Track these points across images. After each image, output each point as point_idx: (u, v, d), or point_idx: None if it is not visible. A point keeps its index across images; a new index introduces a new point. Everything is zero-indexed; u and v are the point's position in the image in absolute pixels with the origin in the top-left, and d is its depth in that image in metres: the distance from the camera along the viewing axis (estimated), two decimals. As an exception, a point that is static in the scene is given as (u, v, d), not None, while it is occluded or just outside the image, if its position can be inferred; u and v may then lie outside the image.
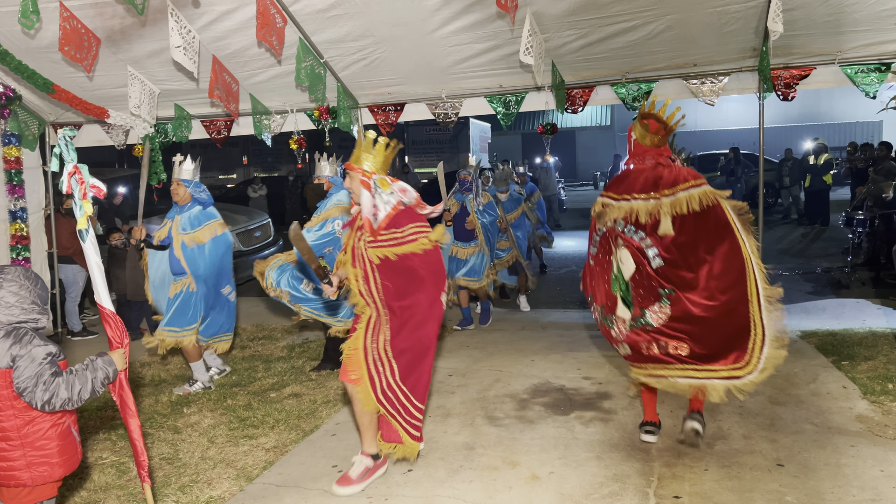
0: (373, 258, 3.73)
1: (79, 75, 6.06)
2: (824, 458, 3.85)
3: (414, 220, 3.79)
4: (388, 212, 3.73)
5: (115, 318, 2.96)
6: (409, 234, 3.73)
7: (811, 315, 7.30)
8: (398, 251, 3.70)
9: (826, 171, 14.34)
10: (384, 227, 3.73)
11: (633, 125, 4.09)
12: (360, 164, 3.78)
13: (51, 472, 2.70)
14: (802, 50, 5.62)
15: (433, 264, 3.80)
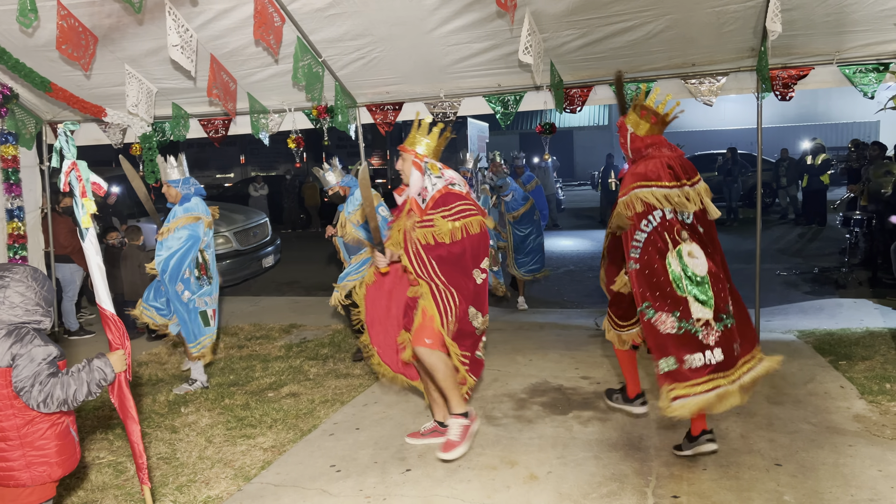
0: (420, 238, 3.89)
1: (76, 74, 6.04)
2: (822, 458, 3.85)
3: (462, 199, 3.94)
4: (434, 193, 3.93)
5: (116, 319, 2.93)
6: (456, 211, 3.88)
7: (809, 315, 7.32)
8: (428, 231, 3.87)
9: (823, 171, 14.36)
10: (431, 207, 3.91)
11: (623, 119, 3.97)
12: (414, 147, 4.00)
13: (50, 472, 2.69)
14: (801, 50, 5.62)
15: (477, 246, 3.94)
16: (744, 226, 14.81)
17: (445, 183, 3.96)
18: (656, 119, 3.83)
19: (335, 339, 7.06)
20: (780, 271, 10.02)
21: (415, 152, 3.98)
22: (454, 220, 3.86)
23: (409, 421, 4.73)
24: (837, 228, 11.84)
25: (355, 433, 4.58)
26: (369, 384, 5.56)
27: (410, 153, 4.00)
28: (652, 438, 4.23)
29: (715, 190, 17.27)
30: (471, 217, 3.91)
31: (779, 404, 4.69)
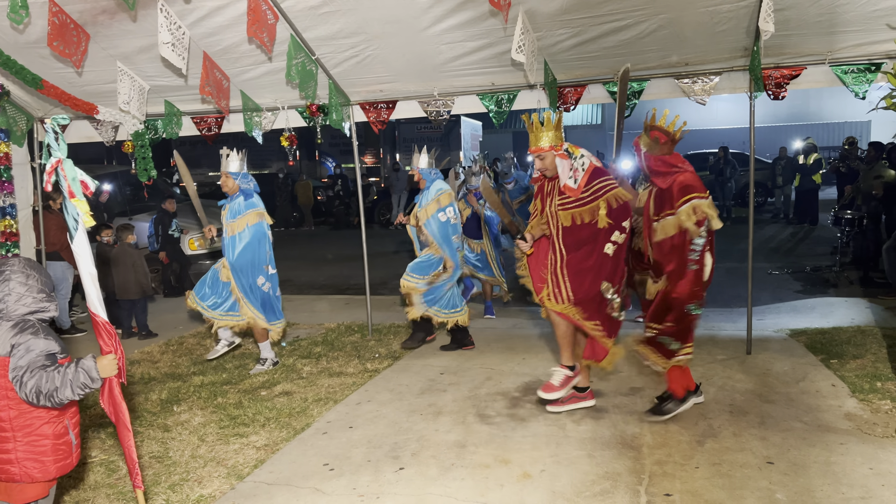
0: (564, 220, 4.41)
1: (67, 71, 6.01)
2: (814, 456, 3.87)
3: (602, 175, 4.35)
4: (587, 171, 4.34)
5: (108, 326, 2.88)
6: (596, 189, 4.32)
7: (800, 314, 7.35)
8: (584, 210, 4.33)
9: (815, 171, 14.43)
10: (586, 182, 4.34)
11: (638, 139, 4.44)
12: (542, 144, 4.38)
13: (42, 470, 2.66)
14: (793, 50, 5.63)
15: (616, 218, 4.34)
16: (736, 225, 14.85)
17: (590, 161, 4.38)
18: (666, 138, 4.29)
19: (328, 337, 7.05)
20: (772, 270, 10.06)
21: (551, 147, 4.36)
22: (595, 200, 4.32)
23: (403, 419, 4.73)
24: (829, 228, 11.89)
25: (349, 432, 4.57)
26: (363, 383, 5.56)
27: (546, 151, 4.37)
28: (645, 437, 4.24)
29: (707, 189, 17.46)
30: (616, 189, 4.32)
31: (771, 403, 4.71)
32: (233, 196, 5.93)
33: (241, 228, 5.81)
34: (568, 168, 4.37)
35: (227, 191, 5.93)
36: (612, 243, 4.35)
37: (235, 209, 5.87)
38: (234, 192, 5.91)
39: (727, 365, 5.57)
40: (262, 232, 5.91)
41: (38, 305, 2.71)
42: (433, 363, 6.01)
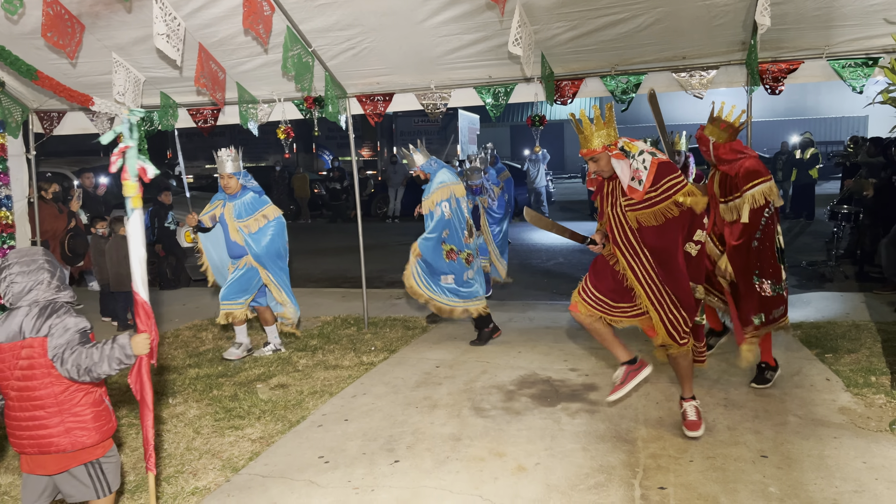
0: (631, 222, 3.94)
1: (62, 62, 5.98)
2: (807, 450, 3.88)
3: (670, 172, 3.86)
4: (650, 168, 3.83)
5: (148, 308, 3.01)
6: (665, 188, 3.84)
7: (795, 308, 7.34)
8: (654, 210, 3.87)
9: (812, 166, 14.43)
10: (652, 183, 3.84)
11: (702, 132, 4.73)
12: (594, 145, 3.88)
13: (90, 436, 2.86)
14: (791, 44, 5.63)
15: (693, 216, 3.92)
16: (733, 219, 14.89)
17: (652, 156, 3.87)
18: (726, 126, 4.61)
19: (324, 330, 7.05)
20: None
21: (604, 147, 3.86)
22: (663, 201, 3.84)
23: (399, 412, 4.73)
24: (825, 223, 11.90)
25: (344, 424, 4.58)
26: (358, 375, 5.56)
27: (598, 152, 3.88)
28: (639, 430, 4.26)
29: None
30: (686, 187, 3.86)
31: (765, 397, 4.72)
32: (237, 194, 5.99)
33: (264, 223, 5.99)
34: (627, 168, 3.85)
35: (230, 192, 5.98)
36: (694, 243, 3.98)
37: (249, 206, 5.99)
38: (236, 191, 5.98)
39: (722, 359, 5.58)
40: (284, 223, 6.15)
41: (60, 293, 2.87)
42: (429, 356, 6.02)
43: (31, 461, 2.85)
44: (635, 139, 4.03)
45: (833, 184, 19.21)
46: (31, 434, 2.79)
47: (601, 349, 5.94)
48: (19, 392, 2.77)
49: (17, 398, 2.78)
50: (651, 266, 3.97)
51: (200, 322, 7.58)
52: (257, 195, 6.07)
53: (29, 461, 2.86)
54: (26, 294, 2.80)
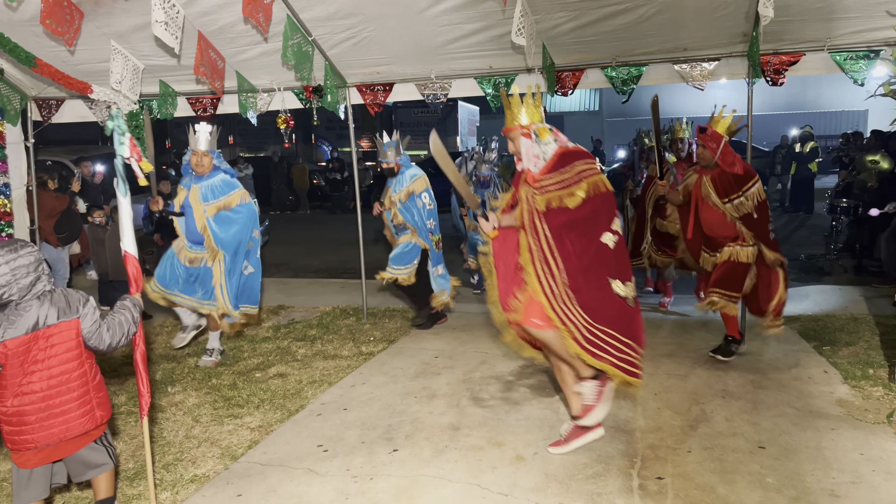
0: (540, 206, 3.66)
1: (61, 49, 5.95)
2: (805, 441, 3.89)
3: (581, 158, 3.72)
4: (550, 157, 3.71)
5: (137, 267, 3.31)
6: (577, 172, 3.67)
7: (794, 301, 7.36)
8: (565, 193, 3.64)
9: (812, 159, 14.42)
10: (549, 170, 3.69)
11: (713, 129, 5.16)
12: (516, 122, 3.77)
13: (106, 411, 3.09)
14: (792, 36, 5.61)
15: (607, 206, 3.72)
16: (732, 213, 14.90)
17: (560, 144, 3.75)
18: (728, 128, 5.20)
19: (323, 320, 7.05)
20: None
21: (519, 126, 3.76)
22: (576, 183, 3.64)
23: (397, 402, 4.74)
24: (824, 216, 11.90)
25: (343, 413, 4.58)
26: (357, 365, 5.56)
27: (515, 129, 3.77)
28: (638, 421, 4.27)
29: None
30: (595, 175, 3.69)
31: (763, 388, 4.73)
32: (205, 175, 5.48)
33: (235, 204, 5.49)
34: (530, 149, 3.73)
35: (201, 171, 5.46)
36: (611, 233, 3.71)
37: (217, 188, 5.47)
38: (207, 171, 5.48)
39: (720, 351, 5.59)
40: (253, 211, 5.64)
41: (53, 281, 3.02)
42: (427, 347, 6.02)
43: (49, 451, 2.89)
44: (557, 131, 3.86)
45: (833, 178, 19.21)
46: (63, 420, 2.87)
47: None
48: (55, 378, 2.86)
49: (50, 386, 2.84)
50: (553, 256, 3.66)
51: (199, 311, 7.56)
52: (228, 177, 5.57)
53: (43, 453, 2.88)
54: (34, 286, 2.85)
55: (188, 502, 3.50)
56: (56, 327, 2.83)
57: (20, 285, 2.80)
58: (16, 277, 2.79)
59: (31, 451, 2.86)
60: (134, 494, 3.59)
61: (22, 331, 2.77)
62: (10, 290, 2.78)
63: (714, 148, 5.11)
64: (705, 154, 5.18)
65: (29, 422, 2.81)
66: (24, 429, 2.82)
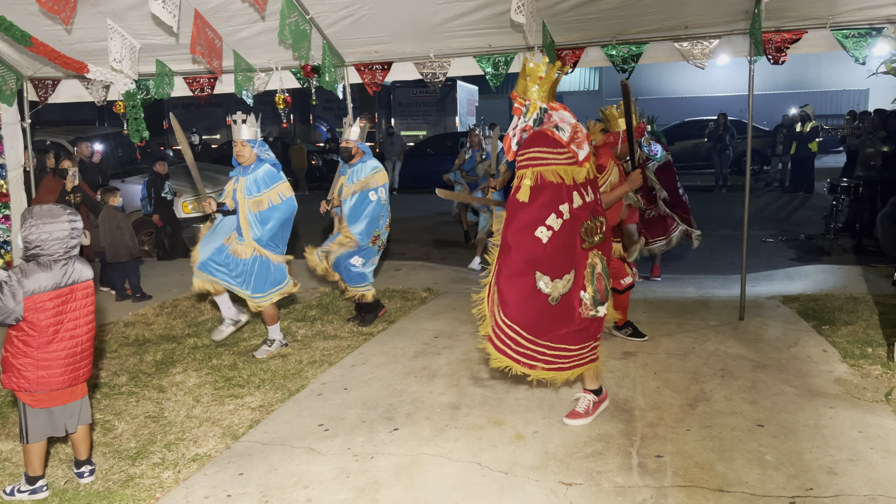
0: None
1: (57, 28, 5.89)
2: (803, 420, 3.91)
3: (542, 144, 3.59)
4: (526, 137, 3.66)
5: None
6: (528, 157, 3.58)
7: (794, 280, 7.39)
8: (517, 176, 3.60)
9: (812, 139, 14.36)
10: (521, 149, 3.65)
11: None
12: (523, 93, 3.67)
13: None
14: (794, 13, 5.56)
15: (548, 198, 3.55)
16: (731, 193, 14.85)
17: (542, 126, 3.64)
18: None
19: (323, 301, 7.06)
20: (767, 238, 10.08)
21: (519, 97, 3.69)
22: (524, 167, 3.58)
23: (398, 381, 4.75)
24: (824, 196, 11.89)
25: (343, 393, 4.60)
26: (357, 345, 5.58)
27: (516, 98, 3.70)
28: (637, 400, 4.28)
29: (704, 157, 17.34)
30: (548, 165, 3.56)
31: (762, 368, 4.75)
32: (250, 166, 5.24)
33: (277, 201, 5.24)
34: (515, 121, 3.72)
35: (242, 161, 5.24)
36: (546, 227, 3.55)
37: (261, 181, 5.21)
38: (250, 162, 5.24)
39: (719, 331, 5.61)
40: (294, 206, 5.39)
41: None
42: (427, 327, 6.03)
43: (76, 389, 3.41)
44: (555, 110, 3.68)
45: (833, 157, 19.16)
46: (88, 362, 3.43)
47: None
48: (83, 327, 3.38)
49: (82, 334, 3.38)
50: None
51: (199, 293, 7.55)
52: (273, 169, 5.31)
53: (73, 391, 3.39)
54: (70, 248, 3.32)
55: (190, 481, 3.51)
56: (89, 282, 3.38)
57: (56, 247, 3.23)
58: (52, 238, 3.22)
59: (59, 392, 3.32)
60: (136, 473, 3.60)
61: (61, 283, 3.23)
62: (46, 248, 3.22)
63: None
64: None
65: (69, 362, 3.31)
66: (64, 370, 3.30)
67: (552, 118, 3.66)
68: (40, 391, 3.28)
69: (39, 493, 3.37)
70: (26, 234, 3.22)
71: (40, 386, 3.26)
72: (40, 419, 3.34)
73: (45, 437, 3.38)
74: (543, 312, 3.61)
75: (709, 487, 3.24)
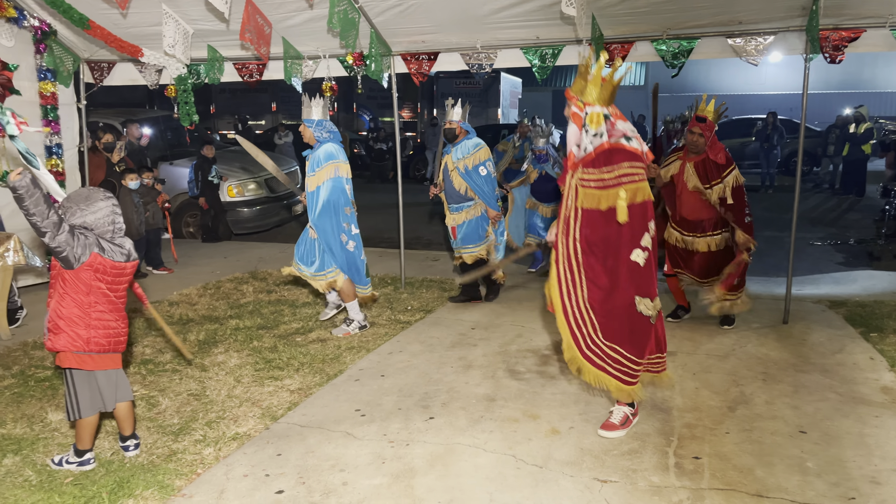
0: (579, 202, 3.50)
1: (112, 12, 6.03)
2: (847, 427, 3.83)
3: (629, 159, 3.45)
4: (592, 152, 3.47)
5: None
6: (618, 175, 3.43)
7: (841, 285, 7.21)
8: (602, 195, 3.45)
9: (865, 141, 13.94)
10: (588, 164, 3.47)
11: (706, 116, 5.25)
12: (579, 94, 3.49)
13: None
14: (853, 11, 5.40)
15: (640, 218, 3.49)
16: (778, 194, 14.51)
17: (609, 139, 3.45)
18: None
19: (362, 288, 7.12)
20: (814, 241, 9.84)
21: (577, 99, 3.47)
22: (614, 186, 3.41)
23: (434, 370, 4.78)
24: (876, 200, 11.55)
25: (380, 380, 4.65)
26: (394, 333, 5.62)
27: (573, 101, 3.49)
28: (675, 400, 4.24)
29: (751, 156, 16.95)
30: (637, 182, 3.45)
31: (805, 373, 4.65)
32: (314, 147, 5.46)
33: (320, 182, 5.38)
34: (575, 137, 3.50)
35: (306, 140, 5.49)
36: (641, 249, 3.52)
37: (316, 161, 5.39)
38: (314, 143, 5.45)
39: (762, 333, 5.51)
40: (339, 187, 5.45)
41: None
42: (464, 318, 6.05)
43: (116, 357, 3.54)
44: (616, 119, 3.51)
45: (885, 161, 18.56)
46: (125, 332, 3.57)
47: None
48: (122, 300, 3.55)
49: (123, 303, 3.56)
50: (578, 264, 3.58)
51: (241, 275, 7.71)
52: (332, 148, 5.43)
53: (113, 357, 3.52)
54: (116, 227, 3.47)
55: (230, 459, 3.60)
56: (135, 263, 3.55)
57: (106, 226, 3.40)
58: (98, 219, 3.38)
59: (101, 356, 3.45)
60: (178, 449, 3.70)
61: (121, 258, 3.42)
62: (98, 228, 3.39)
63: (709, 136, 5.28)
64: (699, 142, 5.29)
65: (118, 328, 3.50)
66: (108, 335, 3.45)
67: (617, 127, 3.50)
68: (89, 351, 3.40)
69: (87, 465, 3.49)
70: (73, 221, 3.32)
71: (90, 346, 3.39)
72: (86, 390, 3.44)
73: (95, 411, 3.48)
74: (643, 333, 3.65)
75: (747, 492, 3.20)
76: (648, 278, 3.58)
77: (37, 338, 5.52)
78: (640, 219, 3.49)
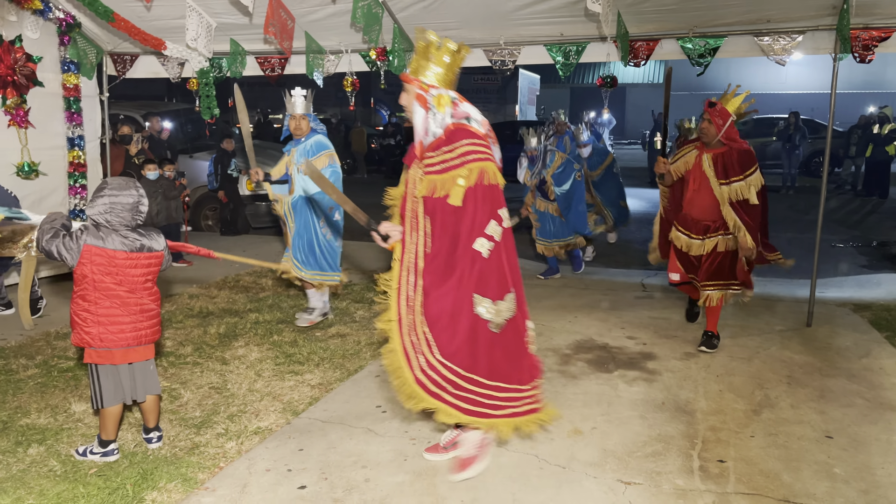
0: (420, 192, 3.07)
1: (136, 5, 6.05)
2: (875, 434, 3.77)
3: (469, 136, 3.06)
4: (441, 134, 3.10)
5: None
6: (461, 152, 3.02)
7: (865, 288, 7.11)
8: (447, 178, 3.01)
9: (889, 142, 13.76)
10: (433, 148, 3.09)
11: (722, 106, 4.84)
12: (418, 75, 3.12)
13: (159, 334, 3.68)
14: (885, 10, 5.31)
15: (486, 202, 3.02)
16: (800, 195, 14.36)
17: (455, 120, 3.11)
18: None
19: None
20: (837, 243, 9.72)
21: (419, 82, 3.10)
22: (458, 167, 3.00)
23: (454, 368, 4.76)
24: (899, 202, 11.39)
25: (400, 377, 4.62)
26: (414, 330, 5.60)
27: (414, 83, 3.12)
28: (699, 402, 4.20)
29: (773, 156, 16.77)
30: (481, 162, 3.01)
31: (831, 377, 4.59)
32: (302, 138, 5.51)
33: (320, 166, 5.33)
34: (422, 121, 3.13)
35: (299, 134, 5.50)
36: (486, 238, 3.02)
37: (309, 150, 5.43)
38: (305, 135, 5.51)
39: (785, 336, 5.44)
40: (336, 173, 5.51)
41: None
42: (484, 315, 6.01)
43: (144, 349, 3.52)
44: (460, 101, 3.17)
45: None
46: (153, 322, 3.53)
47: (661, 319, 5.86)
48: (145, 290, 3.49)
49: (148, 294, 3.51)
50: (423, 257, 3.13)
51: (260, 269, 7.72)
52: (322, 138, 5.54)
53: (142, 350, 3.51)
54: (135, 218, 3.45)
55: (252, 453, 3.60)
56: (159, 253, 3.52)
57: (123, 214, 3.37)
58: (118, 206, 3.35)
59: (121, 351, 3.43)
60: (201, 442, 3.71)
61: (123, 247, 3.35)
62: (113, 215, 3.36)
63: (720, 124, 4.82)
64: (710, 129, 4.85)
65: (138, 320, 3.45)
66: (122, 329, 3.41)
67: (459, 108, 3.13)
68: (103, 347, 3.40)
69: (110, 455, 3.50)
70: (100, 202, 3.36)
71: (103, 342, 3.38)
72: (109, 381, 3.46)
73: (118, 401, 3.50)
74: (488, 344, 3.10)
75: (774, 497, 3.16)
76: (493, 275, 3.05)
77: (59, 328, 5.56)
78: (484, 203, 3.01)
